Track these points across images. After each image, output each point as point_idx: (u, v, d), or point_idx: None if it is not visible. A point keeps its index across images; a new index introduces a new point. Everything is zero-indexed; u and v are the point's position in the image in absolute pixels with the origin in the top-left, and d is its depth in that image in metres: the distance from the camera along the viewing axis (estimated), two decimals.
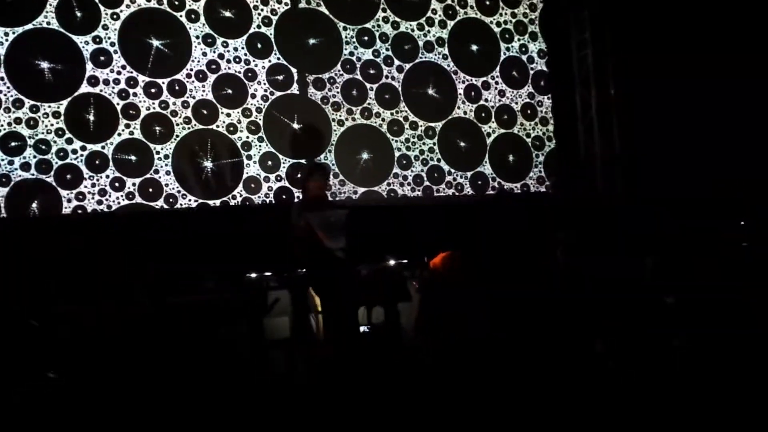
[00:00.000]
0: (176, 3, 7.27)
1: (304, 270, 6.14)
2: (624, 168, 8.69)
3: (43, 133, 6.68)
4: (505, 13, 8.81)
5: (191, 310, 5.96)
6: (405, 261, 6.29)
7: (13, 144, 6.58)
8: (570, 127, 8.93)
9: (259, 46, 7.57)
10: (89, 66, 6.90)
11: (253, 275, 6.50)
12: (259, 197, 7.41)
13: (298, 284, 6.22)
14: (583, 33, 8.95)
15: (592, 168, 8.96)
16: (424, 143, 8.19)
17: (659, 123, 8.23)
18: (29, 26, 6.68)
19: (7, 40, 6.60)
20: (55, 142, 6.72)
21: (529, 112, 8.77)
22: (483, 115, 8.52)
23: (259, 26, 7.60)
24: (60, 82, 6.79)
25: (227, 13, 7.49)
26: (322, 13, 7.88)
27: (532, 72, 8.86)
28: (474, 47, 8.59)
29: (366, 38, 8.04)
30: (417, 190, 8.10)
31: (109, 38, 6.99)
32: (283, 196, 7.51)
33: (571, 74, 8.98)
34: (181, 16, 7.29)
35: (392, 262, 6.28)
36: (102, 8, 6.97)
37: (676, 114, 8.10)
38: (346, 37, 7.95)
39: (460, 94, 8.43)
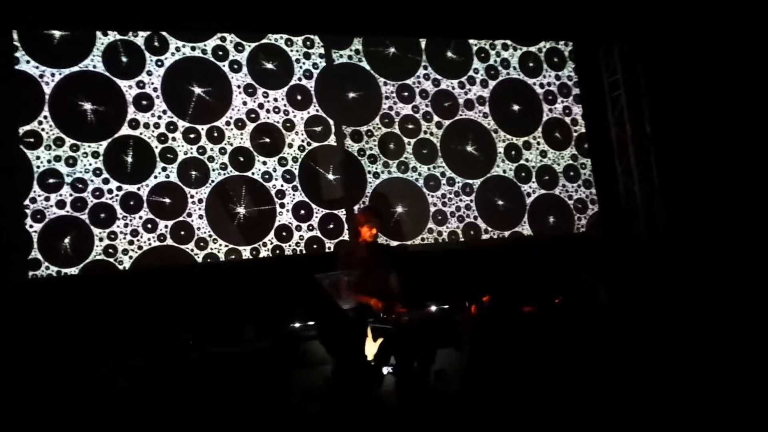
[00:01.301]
0: (220, 53, 7.43)
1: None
2: (666, 204, 8.43)
3: (81, 171, 6.78)
4: (549, 75, 8.75)
5: (232, 360, 5.86)
6: (446, 307, 6.03)
7: (51, 181, 6.68)
8: (608, 167, 8.81)
9: (298, 97, 7.64)
10: (131, 109, 7.04)
11: (297, 325, 6.34)
12: (289, 246, 7.32)
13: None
14: (615, 74, 8.82)
15: (633, 207, 8.73)
16: (460, 200, 8.04)
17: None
18: (76, 68, 6.88)
19: (53, 81, 6.79)
20: (92, 181, 6.80)
21: (572, 173, 8.58)
22: (523, 174, 8.36)
23: (300, 78, 7.69)
24: (101, 124, 6.92)
25: (269, 65, 7.61)
26: (363, 68, 7.95)
27: (575, 134, 8.71)
28: (516, 107, 8.51)
29: (406, 94, 8.05)
30: None
31: (152, 84, 7.15)
32: (314, 246, 7.40)
33: (606, 114, 8.89)
34: (224, 65, 7.44)
35: (433, 308, 6.02)
36: (147, 55, 7.15)
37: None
38: (386, 92, 7.97)
39: (500, 152, 8.31)
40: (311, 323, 6.14)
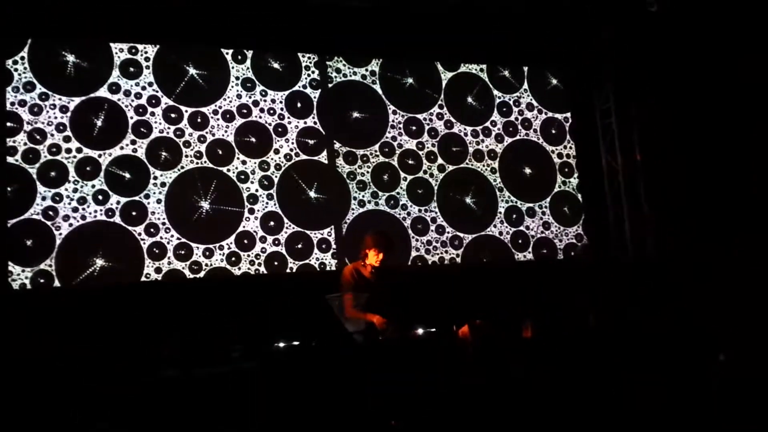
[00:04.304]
0: (226, 41, 6.94)
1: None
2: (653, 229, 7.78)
3: (43, 123, 6.21)
4: (571, 147, 8.13)
5: (218, 381, 5.29)
6: (433, 330, 5.44)
7: (8, 124, 6.12)
8: (598, 190, 8.18)
9: (298, 104, 7.08)
10: (115, 72, 6.52)
11: (281, 344, 5.74)
12: (248, 255, 6.62)
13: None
14: (607, 102, 8.14)
15: (621, 232, 8.03)
16: (446, 251, 7.32)
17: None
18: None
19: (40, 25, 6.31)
20: (52, 135, 6.22)
21: (572, 254, 7.84)
22: (520, 242, 7.64)
23: (305, 86, 7.14)
24: (79, 79, 6.40)
25: (275, 65, 7.10)
26: (374, 91, 7.40)
27: (585, 215, 8.01)
28: (527, 170, 7.87)
29: (414, 128, 7.46)
30: None
31: (146, 52, 6.64)
32: (275, 263, 6.69)
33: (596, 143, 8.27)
34: (227, 53, 6.93)
35: (420, 332, 5.44)
36: (147, 24, 6.66)
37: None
38: (393, 121, 7.39)
39: (501, 212, 7.62)
40: (296, 343, 5.61)
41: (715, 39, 7.54)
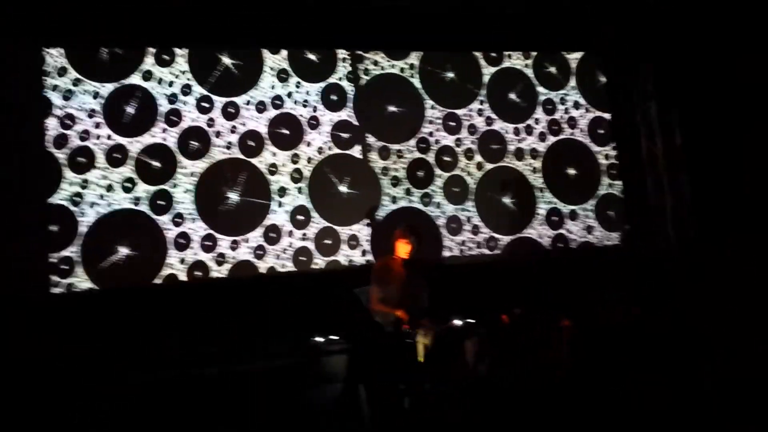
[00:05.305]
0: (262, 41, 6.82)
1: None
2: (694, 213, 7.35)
3: (74, 108, 6.18)
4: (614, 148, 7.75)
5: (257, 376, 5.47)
6: (472, 321, 5.43)
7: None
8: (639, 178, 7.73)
9: (333, 97, 6.90)
10: (150, 60, 6.46)
11: (320, 339, 5.79)
12: (274, 249, 6.47)
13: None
14: (646, 85, 7.64)
15: (663, 218, 7.56)
16: (481, 253, 7.04)
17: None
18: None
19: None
20: (82, 120, 6.19)
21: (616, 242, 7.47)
22: (560, 245, 7.31)
23: (341, 78, 6.97)
24: (113, 66, 6.36)
25: (312, 56, 6.94)
26: (412, 84, 7.17)
27: (626, 204, 7.64)
28: (571, 171, 7.52)
29: (452, 124, 7.20)
30: None
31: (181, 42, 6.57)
32: (302, 258, 6.53)
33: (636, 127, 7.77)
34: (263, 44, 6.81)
35: (458, 322, 5.41)
36: (182, 15, 6.57)
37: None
38: (430, 116, 7.15)
39: (540, 214, 7.31)
40: (334, 338, 5.71)
41: (714, 37, 7.13)
